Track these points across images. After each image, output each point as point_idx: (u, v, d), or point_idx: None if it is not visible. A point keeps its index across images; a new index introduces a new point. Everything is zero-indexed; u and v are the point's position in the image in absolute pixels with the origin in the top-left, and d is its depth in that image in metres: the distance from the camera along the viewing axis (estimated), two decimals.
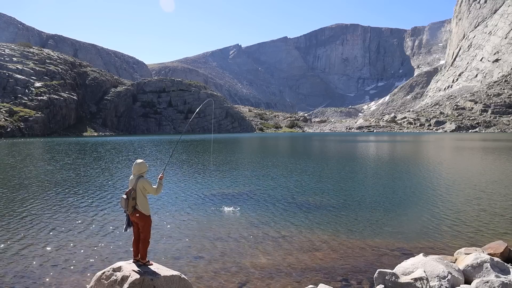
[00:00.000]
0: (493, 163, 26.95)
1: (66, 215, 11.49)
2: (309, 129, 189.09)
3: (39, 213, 11.73)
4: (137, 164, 6.07)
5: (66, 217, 11.24)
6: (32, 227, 10.13)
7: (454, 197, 14.23)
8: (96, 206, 12.85)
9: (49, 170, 23.04)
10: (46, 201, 13.54)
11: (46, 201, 13.54)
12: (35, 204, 13.08)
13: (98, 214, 11.59)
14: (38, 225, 10.28)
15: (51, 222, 10.59)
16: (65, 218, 11.07)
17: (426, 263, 6.31)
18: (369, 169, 24.31)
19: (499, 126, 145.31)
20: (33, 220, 10.85)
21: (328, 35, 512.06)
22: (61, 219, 10.94)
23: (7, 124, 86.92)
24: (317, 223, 10.52)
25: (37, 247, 8.51)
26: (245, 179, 19.38)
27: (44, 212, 11.80)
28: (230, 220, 10.96)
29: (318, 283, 6.16)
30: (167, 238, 9.24)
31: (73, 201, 13.70)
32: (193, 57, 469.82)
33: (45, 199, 13.90)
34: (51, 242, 8.83)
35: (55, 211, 12.02)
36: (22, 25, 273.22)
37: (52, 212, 11.88)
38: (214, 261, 7.66)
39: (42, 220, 10.86)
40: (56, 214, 11.61)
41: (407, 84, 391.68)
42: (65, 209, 12.34)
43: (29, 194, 14.86)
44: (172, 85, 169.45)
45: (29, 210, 12.13)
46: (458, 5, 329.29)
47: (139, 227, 6.03)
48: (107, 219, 10.98)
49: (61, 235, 9.44)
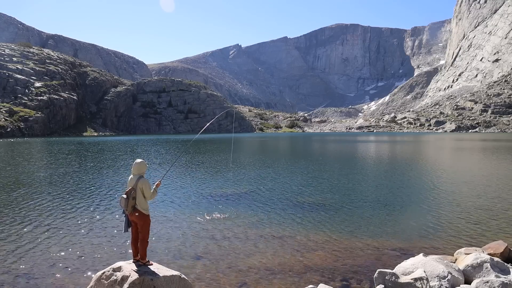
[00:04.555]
0: (493, 163, 26.94)
1: (66, 215, 11.48)
2: (309, 129, 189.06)
3: (39, 213, 11.72)
4: (137, 164, 6.08)
5: (66, 217, 11.24)
6: (31, 227, 10.12)
7: (454, 197, 14.23)
8: (96, 206, 12.85)
9: (48, 170, 23.03)
10: (46, 201, 13.53)
11: (45, 201, 13.53)
12: (34, 204, 13.07)
13: (98, 214, 11.58)
14: (37, 225, 10.28)
15: (51, 222, 10.59)
16: (65, 218, 11.06)
17: (426, 263, 6.31)
18: (369, 169, 24.31)
19: (499, 126, 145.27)
20: (33, 220, 10.84)
21: (328, 35, 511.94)
22: (61, 219, 10.94)
23: (7, 124, 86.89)
24: (317, 223, 10.51)
25: (37, 247, 8.51)
26: (245, 179, 19.37)
27: (44, 212, 11.79)
28: (230, 220, 10.96)
29: (318, 283, 6.16)
30: (167, 238, 9.23)
31: (73, 201, 13.69)
32: (193, 57, 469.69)
33: (44, 199, 13.89)
34: (51, 242, 8.83)
35: (55, 211, 12.02)
36: (22, 25, 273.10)
37: (51, 212, 11.87)
38: (214, 261, 7.66)
39: (41, 220, 10.85)
40: (55, 214, 11.61)
41: (407, 84, 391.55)
42: (65, 209, 12.34)
43: (28, 194, 14.86)
44: (172, 85, 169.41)
45: (28, 210, 12.12)
46: (458, 5, 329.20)
47: (138, 226, 6.03)
48: (107, 219, 10.98)
49: (61, 235, 9.43)
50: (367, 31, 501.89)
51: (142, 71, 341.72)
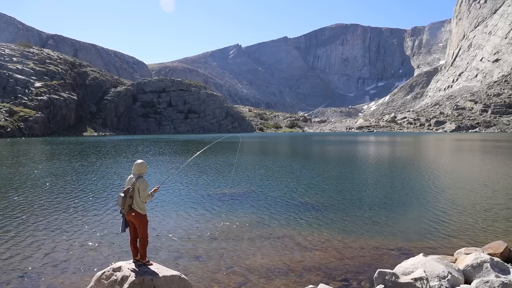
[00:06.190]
0: (493, 163, 26.94)
1: (66, 215, 11.48)
2: (309, 129, 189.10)
3: (39, 213, 11.72)
4: (137, 164, 6.10)
5: (65, 217, 11.23)
6: (31, 227, 10.12)
7: (454, 197, 14.23)
8: (96, 206, 12.85)
9: (48, 170, 23.03)
10: (45, 201, 13.53)
11: (45, 201, 13.53)
12: (34, 204, 13.08)
13: (98, 214, 11.58)
14: (37, 225, 10.28)
15: (51, 223, 10.59)
16: (64, 218, 11.06)
17: (426, 263, 6.31)
18: (369, 169, 24.30)
19: (499, 126, 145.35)
20: (33, 220, 10.84)
21: (328, 35, 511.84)
22: (61, 219, 10.94)
23: (7, 124, 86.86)
24: (317, 223, 10.52)
25: (37, 247, 8.51)
26: (246, 179, 19.37)
27: (44, 212, 11.79)
28: (230, 220, 10.96)
29: (318, 283, 6.16)
30: (167, 238, 9.23)
31: (73, 201, 13.69)
32: (193, 57, 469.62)
33: (44, 199, 13.89)
34: (51, 243, 8.82)
35: (55, 211, 12.01)
36: (22, 25, 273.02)
37: (51, 212, 11.87)
38: (214, 261, 7.66)
39: (41, 220, 10.85)
40: (55, 214, 11.61)
41: (407, 84, 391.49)
42: (65, 209, 12.33)
43: (28, 194, 14.86)
44: (172, 85, 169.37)
45: (28, 210, 12.12)
46: (458, 5, 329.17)
47: (135, 226, 6.04)
48: (107, 219, 10.98)
49: (61, 235, 9.43)
50: (367, 31, 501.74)
51: (142, 71, 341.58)
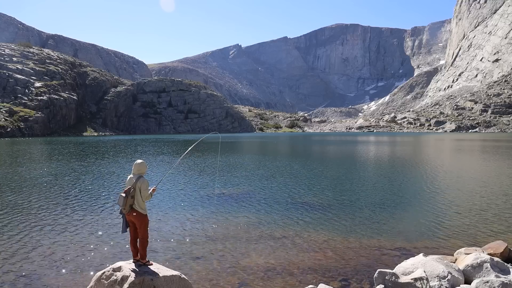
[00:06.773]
0: (493, 163, 26.94)
1: (66, 215, 11.48)
2: (309, 129, 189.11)
3: (38, 213, 11.72)
4: (137, 164, 6.11)
5: (65, 217, 11.23)
6: (31, 227, 10.12)
7: (454, 197, 14.23)
8: (96, 206, 12.85)
9: (48, 170, 23.03)
10: (45, 201, 13.53)
11: (45, 201, 13.53)
12: (34, 204, 13.07)
13: (98, 214, 11.58)
14: (37, 226, 10.28)
15: (51, 223, 10.58)
16: (64, 218, 11.06)
17: (426, 263, 6.31)
18: (369, 169, 24.30)
19: (499, 126, 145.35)
20: (32, 220, 10.84)
21: (328, 35, 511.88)
22: (61, 219, 10.94)
23: (7, 124, 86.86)
24: (317, 223, 10.51)
25: (37, 247, 8.51)
26: (246, 179, 19.37)
27: (44, 212, 11.79)
28: (230, 220, 10.96)
29: (318, 283, 6.16)
30: (167, 238, 9.23)
31: (73, 201, 13.69)
32: (193, 57, 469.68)
33: (44, 199, 13.89)
34: (51, 242, 8.82)
35: (55, 211, 12.01)
36: (22, 25, 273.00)
37: (51, 212, 11.87)
38: (214, 261, 7.66)
39: (41, 220, 10.85)
40: (55, 214, 11.61)
41: (407, 84, 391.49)
42: (65, 209, 12.33)
43: (28, 194, 14.85)
44: (172, 85, 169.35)
45: (28, 210, 12.12)
46: (458, 5, 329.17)
47: (136, 226, 6.04)
48: (107, 219, 10.98)
49: (61, 235, 9.43)
50: (367, 31, 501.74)
51: (142, 71, 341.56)
